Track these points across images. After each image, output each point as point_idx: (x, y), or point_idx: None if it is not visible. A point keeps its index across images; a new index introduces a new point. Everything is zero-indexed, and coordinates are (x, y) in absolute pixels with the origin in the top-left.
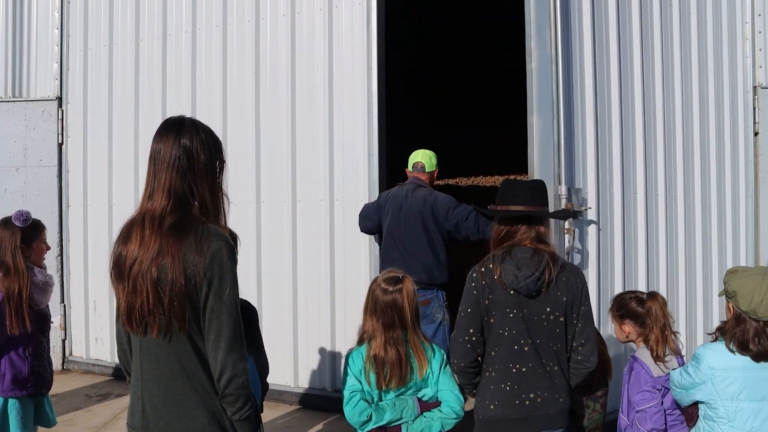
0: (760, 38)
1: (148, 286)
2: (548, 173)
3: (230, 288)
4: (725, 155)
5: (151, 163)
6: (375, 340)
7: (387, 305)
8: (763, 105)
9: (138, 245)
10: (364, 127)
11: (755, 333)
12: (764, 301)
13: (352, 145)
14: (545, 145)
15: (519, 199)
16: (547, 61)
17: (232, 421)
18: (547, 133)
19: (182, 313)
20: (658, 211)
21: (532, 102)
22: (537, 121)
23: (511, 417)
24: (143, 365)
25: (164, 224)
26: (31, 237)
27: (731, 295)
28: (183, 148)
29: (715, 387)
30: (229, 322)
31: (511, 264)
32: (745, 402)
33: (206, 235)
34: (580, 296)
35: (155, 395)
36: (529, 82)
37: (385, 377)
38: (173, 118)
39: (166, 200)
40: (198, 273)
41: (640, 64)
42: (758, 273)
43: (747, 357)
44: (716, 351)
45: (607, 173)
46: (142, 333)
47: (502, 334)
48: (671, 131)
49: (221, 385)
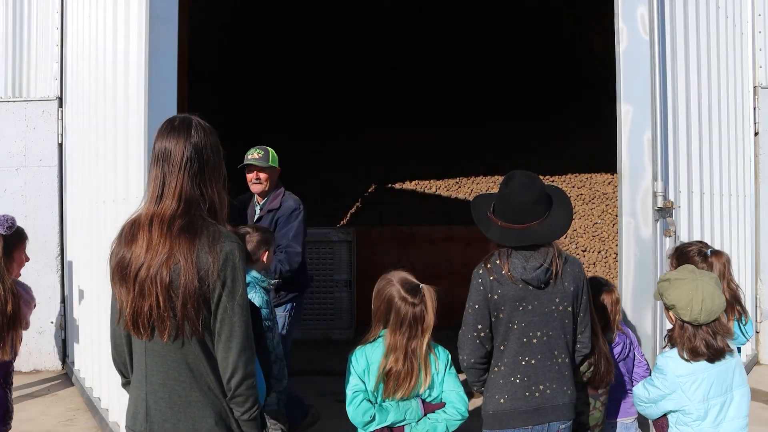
0: (760, 38)
1: (158, 290)
2: (640, 167)
3: (242, 289)
4: (725, 155)
5: (158, 164)
6: (393, 354)
7: (414, 319)
8: (763, 105)
9: (145, 249)
10: None
11: (702, 336)
12: (704, 309)
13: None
14: (636, 137)
15: (520, 219)
16: (638, 43)
17: (239, 421)
18: (638, 124)
19: (195, 316)
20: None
21: (621, 88)
22: (627, 110)
23: (522, 409)
24: (148, 367)
25: (174, 226)
26: (13, 246)
27: (670, 307)
28: (194, 149)
29: (685, 393)
30: (241, 323)
31: (519, 258)
32: (714, 399)
33: (218, 236)
34: (583, 286)
35: (161, 397)
36: (617, 67)
37: (394, 389)
38: (179, 116)
39: (177, 203)
40: (212, 274)
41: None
42: (691, 279)
43: (711, 360)
44: (678, 359)
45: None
46: (149, 337)
47: (512, 328)
48: (690, 127)
49: (232, 386)
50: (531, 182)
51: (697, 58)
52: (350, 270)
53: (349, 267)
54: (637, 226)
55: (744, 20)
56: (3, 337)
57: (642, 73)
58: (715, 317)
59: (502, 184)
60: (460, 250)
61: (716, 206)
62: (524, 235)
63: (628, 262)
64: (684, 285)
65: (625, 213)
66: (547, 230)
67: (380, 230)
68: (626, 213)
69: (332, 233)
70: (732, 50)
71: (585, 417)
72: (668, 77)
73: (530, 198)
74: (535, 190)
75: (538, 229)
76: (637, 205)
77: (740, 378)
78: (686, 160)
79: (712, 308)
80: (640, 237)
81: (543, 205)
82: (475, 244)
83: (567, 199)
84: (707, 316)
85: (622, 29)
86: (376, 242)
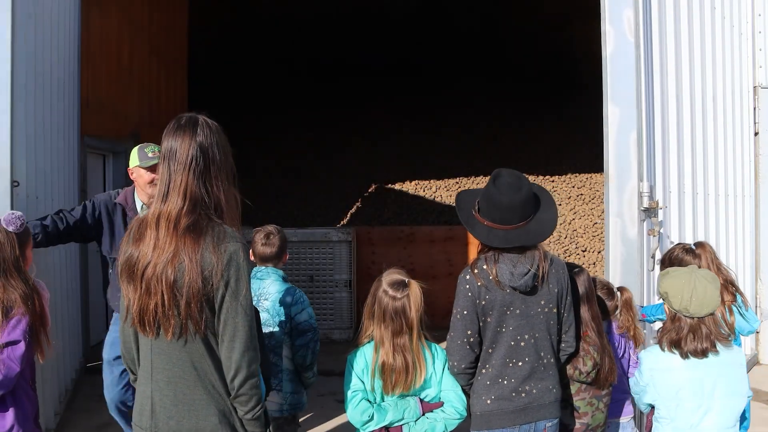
0: (760, 38)
1: (163, 289)
2: (626, 168)
3: (246, 290)
4: (725, 155)
5: (164, 162)
6: (383, 347)
7: (396, 312)
8: (763, 105)
9: (152, 247)
10: None
11: (690, 330)
12: (693, 297)
13: None
14: (622, 138)
15: (507, 220)
16: (624, 45)
17: (243, 420)
18: (625, 125)
19: (199, 315)
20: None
21: (607, 90)
22: (614, 111)
23: (509, 409)
24: (154, 365)
25: (180, 225)
26: (25, 244)
27: (664, 297)
28: (200, 149)
29: (656, 388)
30: (244, 323)
31: (506, 262)
32: (688, 401)
33: (222, 236)
34: (567, 286)
35: (166, 395)
36: (604, 69)
37: (392, 384)
38: (186, 115)
39: (182, 202)
40: (215, 274)
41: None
42: (686, 272)
43: (685, 356)
44: (655, 352)
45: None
46: (155, 334)
47: (500, 332)
48: (681, 128)
49: (235, 385)
50: (518, 182)
51: (690, 59)
52: (350, 270)
53: (349, 267)
54: (624, 225)
55: (743, 20)
56: (38, 339)
57: (628, 75)
58: (707, 311)
59: (489, 183)
60: (460, 250)
61: (711, 206)
62: (510, 236)
63: (615, 261)
64: (680, 275)
65: (611, 213)
66: (534, 232)
67: (380, 230)
68: (613, 213)
69: (332, 233)
70: (731, 50)
71: (588, 417)
72: (657, 79)
73: (517, 199)
74: (523, 190)
75: (524, 231)
76: (624, 206)
77: (729, 388)
78: (677, 160)
79: (704, 299)
80: (626, 236)
81: (530, 206)
82: (475, 244)
83: (552, 199)
84: (697, 307)
85: (609, 32)
86: (376, 242)
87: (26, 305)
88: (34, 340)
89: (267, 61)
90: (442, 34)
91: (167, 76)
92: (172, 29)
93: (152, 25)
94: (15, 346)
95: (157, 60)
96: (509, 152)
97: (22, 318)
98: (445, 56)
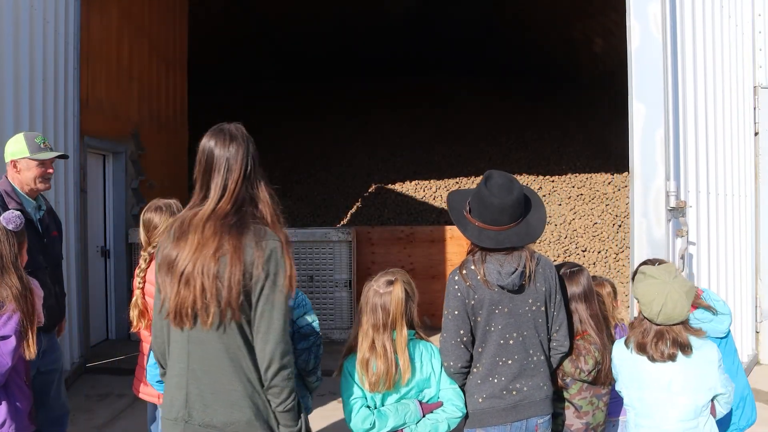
0: (760, 38)
1: (204, 280)
2: (652, 167)
3: (283, 283)
4: (728, 154)
5: (212, 167)
6: (362, 344)
7: (375, 306)
8: (763, 105)
9: (195, 245)
10: None
11: (655, 335)
12: (662, 312)
13: None
14: (648, 136)
15: (498, 221)
16: (650, 41)
17: (276, 413)
18: (650, 122)
19: (237, 305)
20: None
21: (632, 87)
22: (639, 109)
23: (500, 407)
24: (191, 356)
25: (226, 223)
26: (21, 243)
27: (636, 298)
28: (251, 157)
29: (621, 377)
30: (279, 316)
31: (494, 262)
32: (646, 391)
33: (264, 234)
34: (555, 285)
35: (205, 385)
36: (629, 65)
37: (373, 380)
38: (228, 126)
39: (232, 205)
40: (256, 267)
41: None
42: (662, 282)
43: (651, 359)
44: (621, 344)
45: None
46: (191, 325)
47: (489, 331)
48: (697, 126)
49: (268, 376)
50: (510, 184)
51: (704, 57)
52: (350, 270)
53: (349, 267)
54: (649, 226)
55: (744, 20)
56: (30, 336)
57: (655, 71)
58: (673, 323)
59: (480, 185)
60: (460, 251)
61: (720, 206)
62: (501, 237)
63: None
64: (654, 285)
65: (637, 213)
66: (524, 234)
67: (380, 230)
68: (638, 213)
69: (332, 233)
70: (734, 50)
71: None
72: (679, 76)
73: (509, 201)
74: (514, 192)
75: (513, 233)
76: (650, 205)
77: (694, 383)
78: (694, 159)
79: (672, 314)
80: (652, 237)
81: (521, 208)
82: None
83: (541, 201)
84: (664, 319)
85: (634, 27)
86: (376, 242)
87: (18, 302)
88: (24, 338)
89: (267, 61)
90: (442, 34)
91: (167, 76)
92: (172, 29)
93: (152, 25)
94: (5, 341)
95: (157, 60)
96: (509, 152)
97: (13, 314)
98: (445, 56)
